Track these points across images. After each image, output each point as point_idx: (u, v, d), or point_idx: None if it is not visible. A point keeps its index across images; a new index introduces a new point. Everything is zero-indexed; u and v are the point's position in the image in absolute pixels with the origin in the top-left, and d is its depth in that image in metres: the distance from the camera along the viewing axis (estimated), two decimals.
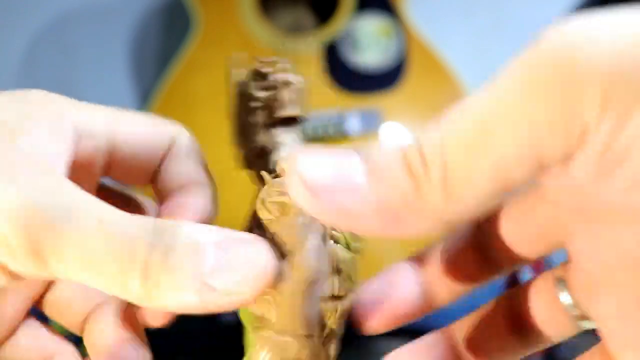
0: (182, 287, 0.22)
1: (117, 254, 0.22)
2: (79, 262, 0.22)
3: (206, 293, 0.22)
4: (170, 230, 0.23)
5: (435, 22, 1.12)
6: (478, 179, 0.19)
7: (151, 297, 0.23)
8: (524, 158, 0.18)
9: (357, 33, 1.05)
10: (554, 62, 0.18)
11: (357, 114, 1.00)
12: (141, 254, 0.22)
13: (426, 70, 1.05)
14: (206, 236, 0.23)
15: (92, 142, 0.28)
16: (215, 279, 0.22)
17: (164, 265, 0.22)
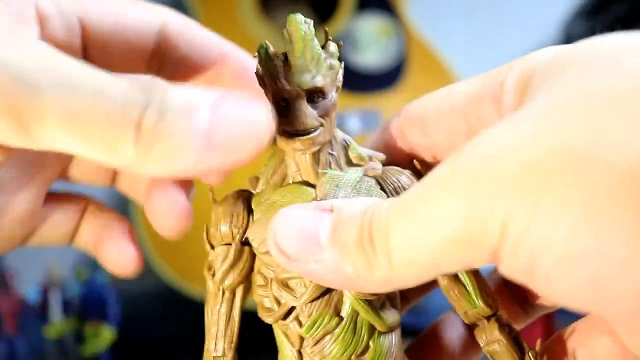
0: (180, 147, 0.21)
1: (106, 114, 0.21)
2: (63, 126, 0.21)
3: (204, 153, 0.22)
4: (162, 89, 0.22)
5: (435, 22, 1.12)
6: (417, 266, 0.21)
7: (146, 161, 0.21)
8: (454, 256, 0.20)
9: (357, 33, 1.05)
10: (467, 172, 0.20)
11: (357, 114, 1.00)
12: (133, 114, 0.21)
13: (426, 70, 1.05)
14: (200, 96, 0.22)
15: (61, 21, 0.26)
16: (212, 137, 0.22)
17: (159, 125, 0.21)
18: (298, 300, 0.26)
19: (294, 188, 0.27)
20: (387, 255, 0.21)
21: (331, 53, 0.27)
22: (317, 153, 0.27)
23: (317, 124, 0.26)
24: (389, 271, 0.21)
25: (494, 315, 0.27)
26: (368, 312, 0.26)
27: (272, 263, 0.26)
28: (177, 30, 0.29)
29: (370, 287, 0.22)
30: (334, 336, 0.26)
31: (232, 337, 0.28)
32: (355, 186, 0.27)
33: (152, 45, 0.29)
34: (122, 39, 0.28)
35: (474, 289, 0.27)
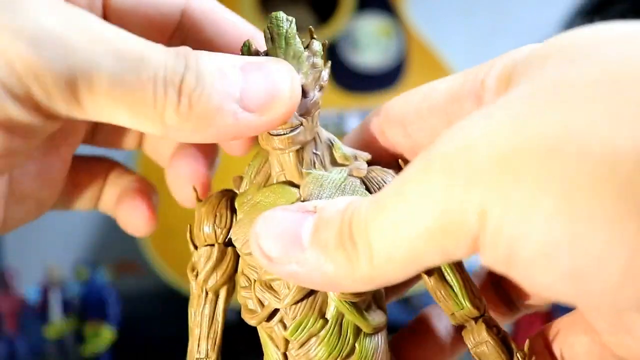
0: (218, 109, 0.22)
1: (151, 80, 0.22)
2: (111, 94, 0.21)
3: (241, 114, 0.23)
4: (195, 56, 0.23)
5: (435, 22, 1.12)
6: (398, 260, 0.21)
7: (186, 125, 0.22)
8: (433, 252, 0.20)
9: (357, 33, 1.05)
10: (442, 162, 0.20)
11: (357, 114, 1.00)
12: (175, 79, 0.22)
13: (426, 70, 1.05)
14: (230, 61, 0.23)
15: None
16: (246, 98, 0.23)
17: (197, 89, 0.22)
18: (281, 302, 0.26)
19: (278, 188, 0.27)
20: (367, 253, 0.21)
21: (314, 52, 0.26)
22: (301, 152, 0.26)
23: (297, 123, 0.26)
24: (370, 268, 0.21)
25: (481, 317, 0.27)
26: (353, 314, 0.26)
27: (255, 264, 0.26)
28: (202, 11, 0.29)
29: (352, 286, 0.22)
30: (319, 339, 0.26)
31: (215, 338, 0.27)
32: (340, 186, 0.26)
33: (175, 24, 0.29)
34: (144, 15, 0.28)
35: (460, 290, 0.27)
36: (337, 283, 0.22)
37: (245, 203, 0.27)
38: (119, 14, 0.27)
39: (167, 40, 0.29)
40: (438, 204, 0.20)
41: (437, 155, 0.20)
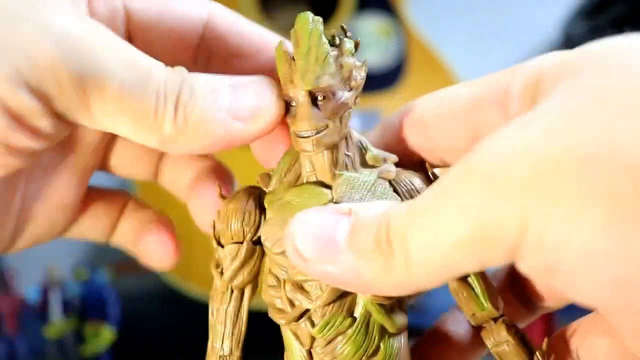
0: (210, 120, 0.24)
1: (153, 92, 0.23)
2: (118, 100, 0.23)
3: (232, 124, 0.25)
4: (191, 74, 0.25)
5: (435, 22, 1.12)
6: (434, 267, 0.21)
7: (180, 136, 0.24)
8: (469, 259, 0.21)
9: (357, 33, 1.05)
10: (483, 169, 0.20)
11: (357, 113, 1.00)
12: (173, 92, 0.24)
13: (426, 70, 1.05)
14: (220, 80, 0.25)
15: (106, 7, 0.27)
16: (235, 111, 0.25)
17: (190, 103, 0.24)
18: (313, 303, 0.26)
19: (309, 188, 0.27)
20: (404, 258, 0.22)
21: (344, 51, 0.26)
22: (335, 153, 0.27)
23: (322, 125, 0.26)
24: (406, 274, 0.22)
25: (500, 317, 0.28)
26: (380, 314, 0.26)
27: (285, 264, 0.26)
28: (225, 24, 0.29)
29: (386, 290, 0.23)
30: (346, 337, 0.26)
31: (239, 336, 0.28)
32: (371, 188, 0.27)
33: (198, 38, 0.29)
34: (167, 29, 0.29)
35: (482, 292, 0.27)
36: (372, 286, 0.23)
37: (275, 202, 0.27)
38: (142, 27, 0.28)
39: (192, 52, 0.29)
40: (477, 214, 0.20)
41: (477, 164, 0.21)
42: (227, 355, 0.28)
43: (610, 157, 0.18)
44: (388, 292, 0.23)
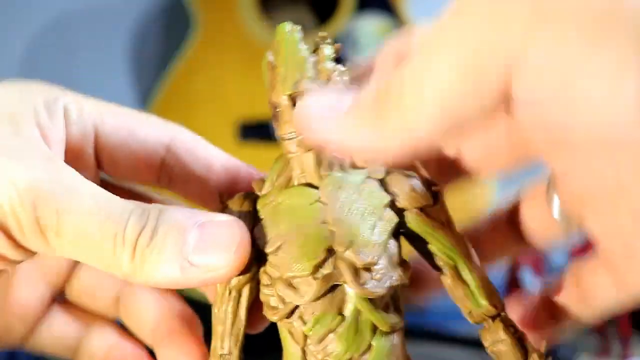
0: (167, 264, 0.25)
1: (110, 234, 0.25)
2: (74, 240, 0.25)
3: (188, 269, 0.25)
4: (158, 213, 0.25)
5: None
6: (426, 106, 0.21)
7: (139, 273, 0.25)
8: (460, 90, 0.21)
9: (357, 33, 1.05)
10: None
11: None
12: (131, 236, 0.25)
13: None
14: (189, 219, 0.26)
15: (79, 127, 0.29)
16: (196, 256, 0.25)
17: (150, 245, 0.25)
18: (302, 298, 0.26)
19: (298, 190, 0.28)
20: (398, 102, 0.22)
21: (323, 57, 0.28)
22: (320, 156, 0.27)
23: None
24: (401, 119, 0.22)
25: (498, 315, 0.28)
26: (370, 311, 0.26)
27: (277, 263, 0.27)
28: (184, 148, 0.32)
29: (385, 147, 0.23)
30: (337, 335, 0.26)
31: (238, 335, 0.28)
32: (359, 188, 0.27)
33: (159, 160, 0.31)
34: (131, 151, 0.31)
35: (477, 288, 0.27)
36: (370, 144, 0.23)
37: (268, 205, 0.28)
38: (109, 148, 0.31)
39: (155, 172, 0.32)
40: (470, 41, 0.20)
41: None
42: (226, 354, 0.28)
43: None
44: (384, 151, 0.23)
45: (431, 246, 0.28)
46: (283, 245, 0.27)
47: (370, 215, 0.27)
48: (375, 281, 0.26)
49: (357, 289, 0.26)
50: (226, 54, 1.02)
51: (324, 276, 0.26)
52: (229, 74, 1.01)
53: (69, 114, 0.29)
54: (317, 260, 0.26)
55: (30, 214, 0.24)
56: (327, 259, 0.26)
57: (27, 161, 0.25)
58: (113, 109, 0.31)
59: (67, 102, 0.29)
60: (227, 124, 0.97)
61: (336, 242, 0.26)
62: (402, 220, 0.28)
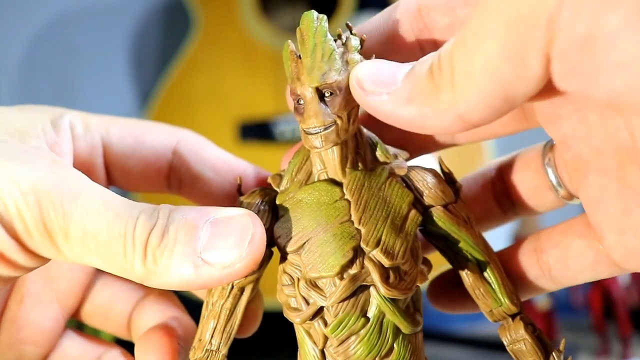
0: (179, 263, 0.24)
1: (119, 233, 0.24)
2: (83, 242, 0.24)
3: (202, 267, 0.24)
4: (168, 211, 0.25)
5: None
6: (474, 79, 0.22)
7: (151, 275, 0.24)
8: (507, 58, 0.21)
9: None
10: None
11: None
12: (141, 235, 0.24)
13: None
14: (200, 216, 0.25)
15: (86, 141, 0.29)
16: (209, 253, 0.24)
17: (162, 244, 0.24)
18: (327, 300, 0.26)
19: (321, 186, 0.27)
20: (449, 74, 0.22)
21: (350, 48, 0.26)
22: (345, 150, 0.27)
23: (330, 121, 0.26)
24: (451, 91, 0.22)
25: (518, 314, 0.28)
26: (394, 314, 0.26)
27: (298, 262, 0.26)
28: (189, 149, 0.32)
29: (435, 120, 0.23)
30: (359, 337, 0.26)
31: (230, 333, 0.28)
32: (382, 185, 0.27)
33: (168, 164, 0.31)
34: (140, 158, 0.31)
35: (499, 287, 0.27)
36: (421, 114, 0.23)
37: (287, 201, 0.27)
38: (118, 157, 0.31)
39: (165, 177, 0.32)
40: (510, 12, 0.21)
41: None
42: (214, 350, 0.27)
43: None
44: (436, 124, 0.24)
45: (454, 244, 0.28)
46: (306, 245, 0.26)
47: (395, 214, 0.26)
48: (404, 281, 0.26)
49: (386, 289, 0.25)
50: (226, 54, 1.02)
51: (351, 276, 0.25)
52: (229, 74, 1.01)
53: (75, 129, 0.29)
54: (345, 259, 0.25)
55: (36, 215, 0.24)
56: (355, 259, 0.26)
57: (32, 163, 0.25)
58: (118, 120, 0.31)
59: (72, 118, 0.29)
60: (227, 124, 0.97)
61: (363, 241, 0.26)
62: (425, 218, 0.28)
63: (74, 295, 0.32)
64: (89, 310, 0.33)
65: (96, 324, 0.34)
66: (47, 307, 0.31)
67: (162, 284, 0.24)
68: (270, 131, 0.96)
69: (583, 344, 0.88)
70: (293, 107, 0.27)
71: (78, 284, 0.32)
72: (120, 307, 0.33)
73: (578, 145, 0.26)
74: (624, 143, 0.24)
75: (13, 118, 0.27)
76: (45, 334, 0.31)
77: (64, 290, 0.32)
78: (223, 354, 0.27)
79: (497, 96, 0.22)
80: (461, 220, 0.28)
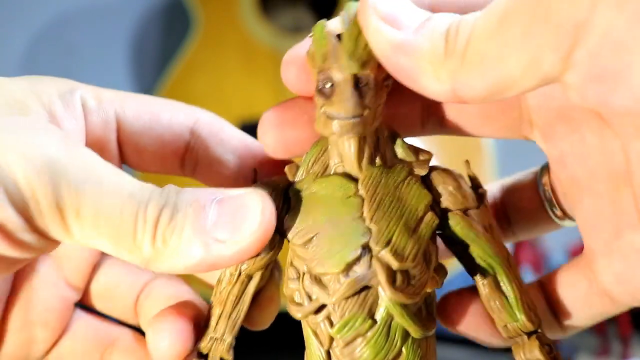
0: (189, 242, 0.24)
1: (131, 214, 0.23)
2: (94, 221, 0.23)
3: (212, 246, 0.24)
4: (177, 192, 0.24)
5: None
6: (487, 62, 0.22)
7: (160, 257, 0.24)
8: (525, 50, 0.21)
9: None
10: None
11: None
12: (152, 215, 0.23)
13: None
14: (207, 195, 0.24)
15: (99, 116, 0.28)
16: (218, 232, 0.24)
17: (171, 224, 0.23)
18: (330, 297, 0.25)
19: (336, 180, 0.26)
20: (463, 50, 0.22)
21: None
22: (362, 144, 0.26)
23: (359, 112, 0.25)
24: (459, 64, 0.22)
25: (535, 332, 0.26)
26: (403, 317, 0.25)
27: (307, 256, 0.25)
28: (209, 131, 0.31)
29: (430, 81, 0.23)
30: (366, 339, 0.25)
31: (236, 321, 0.27)
32: (399, 185, 0.26)
33: (184, 144, 0.30)
34: (155, 137, 0.30)
35: (515, 301, 0.26)
36: (420, 68, 0.23)
37: (300, 192, 0.26)
38: (132, 135, 0.29)
39: (180, 158, 0.31)
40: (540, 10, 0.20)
41: None
42: (218, 338, 0.27)
43: None
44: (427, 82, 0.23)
45: (472, 252, 0.26)
46: (315, 239, 0.25)
47: (410, 215, 0.25)
48: (411, 286, 0.25)
49: (391, 292, 0.24)
50: (226, 54, 1.02)
51: (357, 276, 0.25)
52: (229, 74, 1.01)
53: (88, 103, 0.28)
54: (351, 257, 0.24)
55: (49, 193, 0.23)
56: (362, 258, 0.25)
57: (41, 138, 0.24)
58: (133, 96, 0.30)
59: (84, 92, 0.28)
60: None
61: (372, 240, 0.25)
62: (442, 222, 0.26)
63: (83, 275, 0.32)
64: (95, 291, 0.33)
65: (101, 306, 0.33)
66: (57, 287, 0.31)
67: (170, 266, 0.24)
68: None
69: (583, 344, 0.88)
70: (316, 87, 0.26)
71: (86, 263, 0.32)
72: (126, 288, 0.32)
73: (573, 165, 0.26)
74: (618, 167, 0.24)
75: (15, 88, 0.26)
76: (55, 315, 0.31)
77: (73, 269, 0.31)
78: (228, 342, 0.27)
79: (498, 85, 0.22)
80: (481, 227, 0.26)
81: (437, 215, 0.26)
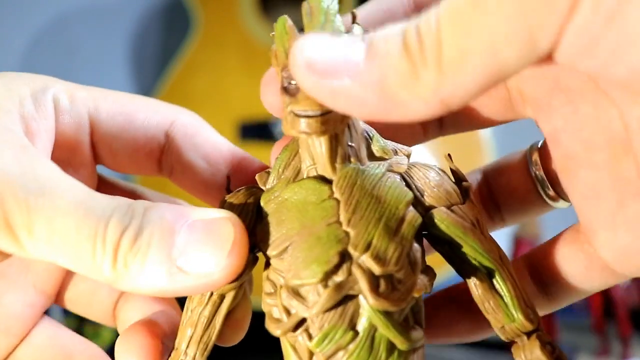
0: (152, 269, 0.22)
1: (89, 234, 0.22)
2: (48, 239, 0.22)
3: (176, 276, 0.22)
4: (144, 211, 0.22)
5: None
6: (471, 58, 0.19)
7: (121, 279, 0.22)
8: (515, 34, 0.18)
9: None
10: None
11: None
12: (112, 235, 0.22)
13: None
14: (177, 217, 0.23)
15: (71, 117, 0.27)
16: (184, 261, 0.22)
17: (134, 247, 0.22)
18: (310, 309, 0.23)
19: (308, 183, 0.24)
20: (436, 52, 0.19)
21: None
22: (334, 143, 0.24)
23: (327, 108, 0.22)
24: (437, 73, 0.19)
25: (534, 332, 0.25)
26: (388, 328, 0.23)
27: (282, 268, 0.23)
28: (183, 133, 0.29)
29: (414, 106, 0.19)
30: (347, 353, 0.23)
31: (207, 343, 0.25)
32: (377, 183, 0.24)
33: (159, 147, 0.29)
34: (129, 139, 0.28)
35: (511, 300, 0.24)
36: (397, 99, 0.20)
37: (272, 201, 0.25)
38: (107, 137, 0.28)
39: (156, 161, 0.29)
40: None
41: None
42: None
43: None
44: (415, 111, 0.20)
45: (461, 251, 0.25)
46: (289, 248, 0.23)
47: (390, 215, 0.23)
48: (397, 291, 0.23)
49: (374, 300, 0.22)
50: (226, 54, 1.02)
51: (336, 284, 0.22)
52: (229, 74, 1.01)
53: (60, 103, 0.27)
54: (328, 265, 0.22)
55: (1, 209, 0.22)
56: (341, 265, 0.23)
57: (4, 151, 0.22)
58: (109, 94, 0.28)
59: (57, 91, 0.27)
60: (226, 123, 0.97)
61: (351, 245, 0.23)
62: (426, 221, 0.24)
63: (53, 280, 0.30)
64: (73, 297, 0.31)
65: (79, 310, 0.32)
66: (22, 292, 0.29)
67: (132, 289, 0.22)
68: (270, 131, 0.96)
69: (583, 344, 0.88)
70: (281, 86, 0.24)
71: (57, 268, 0.30)
72: (105, 294, 0.31)
73: (568, 139, 0.25)
74: (617, 135, 0.23)
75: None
76: (18, 322, 0.29)
77: (42, 274, 0.30)
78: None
79: (490, 77, 0.19)
80: (468, 224, 0.25)
81: (420, 214, 0.24)
